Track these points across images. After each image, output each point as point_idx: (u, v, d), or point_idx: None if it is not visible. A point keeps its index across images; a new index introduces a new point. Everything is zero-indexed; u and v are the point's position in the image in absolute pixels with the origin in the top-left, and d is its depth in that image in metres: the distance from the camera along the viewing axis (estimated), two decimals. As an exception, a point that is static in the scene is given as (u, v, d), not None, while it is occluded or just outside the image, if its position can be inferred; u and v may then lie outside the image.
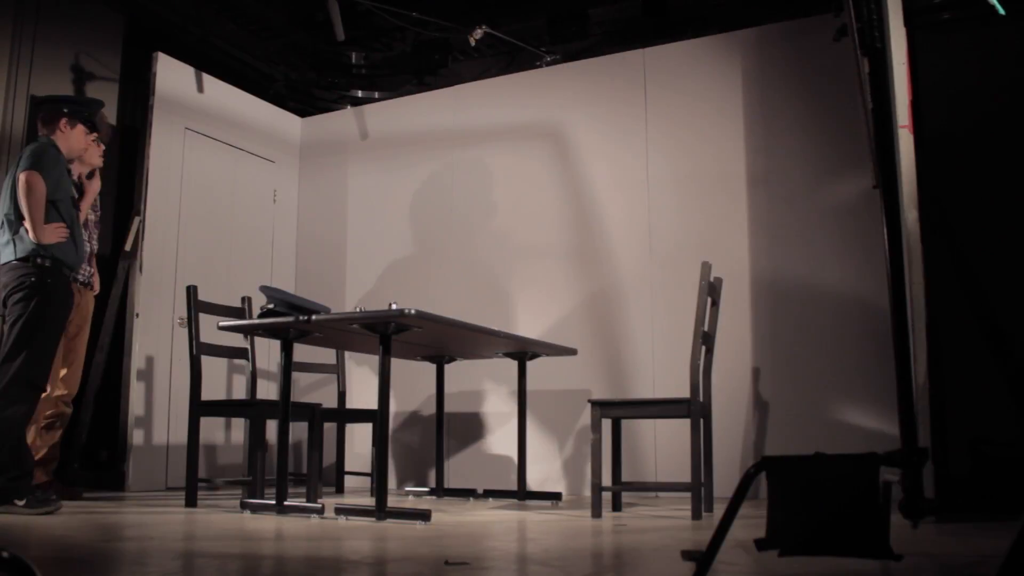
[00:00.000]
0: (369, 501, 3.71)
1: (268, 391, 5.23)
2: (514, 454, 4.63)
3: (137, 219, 4.91)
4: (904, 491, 1.72)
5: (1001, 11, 3.07)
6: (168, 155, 5.08)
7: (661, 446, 4.56)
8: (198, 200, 5.27)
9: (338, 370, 4.93)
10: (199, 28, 5.74)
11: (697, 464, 3.36)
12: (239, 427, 5.17)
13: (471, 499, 4.36)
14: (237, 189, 5.60)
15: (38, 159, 3.61)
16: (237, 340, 4.28)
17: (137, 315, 4.77)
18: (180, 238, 5.12)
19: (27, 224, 3.48)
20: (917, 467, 1.68)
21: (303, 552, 2.42)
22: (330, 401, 4.88)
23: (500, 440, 4.96)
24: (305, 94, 6.67)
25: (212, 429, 5.16)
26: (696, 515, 3.27)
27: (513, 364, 4.48)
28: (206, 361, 4.00)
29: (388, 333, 3.19)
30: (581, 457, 4.75)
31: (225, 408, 4.43)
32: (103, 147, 4.20)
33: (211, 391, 4.14)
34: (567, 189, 5.11)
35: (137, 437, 4.67)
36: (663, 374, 4.61)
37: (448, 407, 5.02)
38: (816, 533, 1.51)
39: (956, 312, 3.43)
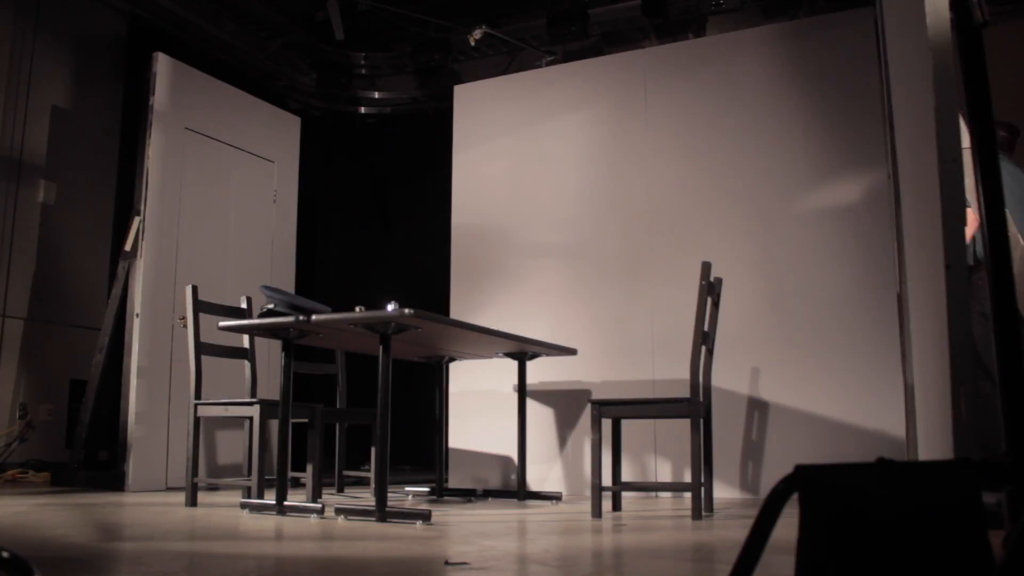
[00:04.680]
0: (369, 501, 3.71)
1: (269, 391, 5.23)
2: (514, 454, 4.63)
3: (137, 219, 4.91)
4: (1010, 519, 1.13)
5: None
6: (168, 155, 5.08)
7: (661, 446, 4.56)
8: (198, 200, 5.27)
9: (338, 370, 4.93)
10: (199, 28, 5.74)
11: (697, 464, 3.36)
12: (239, 427, 5.17)
13: (471, 499, 4.36)
14: (237, 189, 5.60)
15: None
16: (237, 340, 4.28)
17: (137, 315, 4.77)
18: (180, 238, 5.12)
19: None
20: None
21: (303, 552, 2.42)
22: (330, 401, 4.87)
23: (500, 440, 4.95)
24: (305, 94, 6.68)
25: (212, 429, 5.16)
26: (696, 515, 3.26)
27: (513, 364, 4.48)
28: (206, 361, 4.00)
29: (388, 333, 3.19)
30: (581, 457, 4.75)
31: (225, 408, 4.43)
32: None
33: (211, 391, 4.14)
34: (567, 189, 5.11)
35: (137, 437, 4.67)
36: (663, 374, 4.61)
37: (448, 407, 5.03)
38: None
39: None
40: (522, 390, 4.44)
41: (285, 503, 3.41)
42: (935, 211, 2.15)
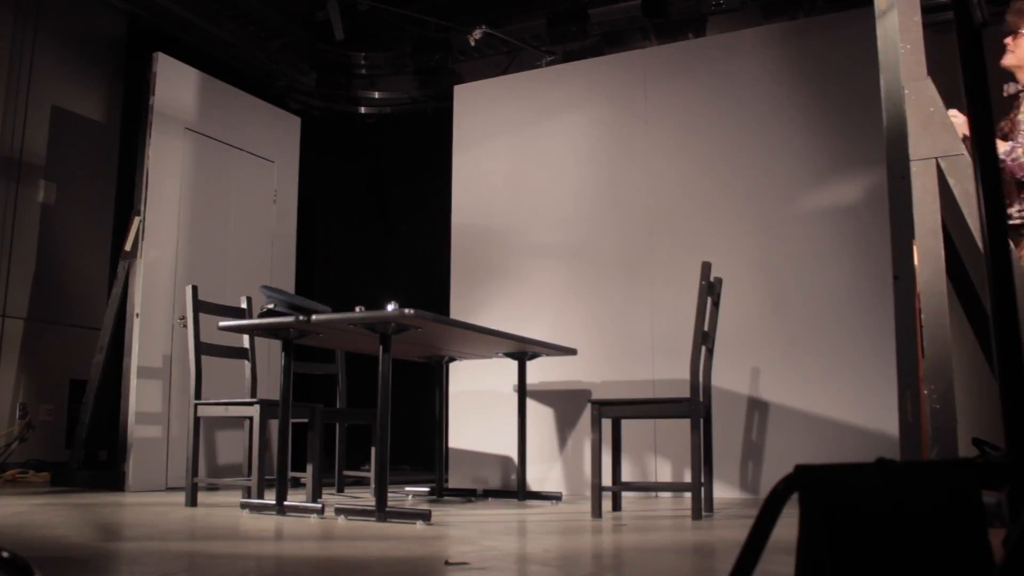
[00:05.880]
0: (369, 501, 3.72)
1: (269, 391, 5.23)
2: (514, 454, 4.63)
3: (137, 219, 4.91)
4: (1010, 518, 1.09)
5: None
6: (168, 155, 5.08)
7: (661, 446, 4.56)
8: (198, 200, 5.27)
9: (338, 370, 4.93)
10: (199, 28, 5.74)
11: (697, 464, 3.36)
12: (239, 427, 5.17)
13: (471, 499, 4.36)
14: (237, 189, 5.60)
15: None
16: (237, 340, 4.28)
17: (137, 315, 4.77)
18: (180, 238, 5.12)
19: None
20: None
21: (303, 552, 2.42)
22: (330, 401, 4.87)
23: (500, 440, 4.95)
24: (305, 94, 6.68)
25: (212, 429, 5.16)
26: (696, 515, 3.26)
27: (513, 364, 4.48)
28: (206, 361, 4.00)
29: (388, 333, 3.19)
30: (581, 457, 4.75)
31: (225, 408, 4.43)
32: None
33: (211, 391, 4.14)
34: (567, 189, 5.11)
35: (137, 437, 4.67)
36: (663, 374, 4.61)
37: (448, 407, 5.03)
38: None
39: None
40: (522, 390, 4.44)
41: (285, 503, 3.41)
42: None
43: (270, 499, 3.50)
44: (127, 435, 4.68)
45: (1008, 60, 3.20)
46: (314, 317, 3.24)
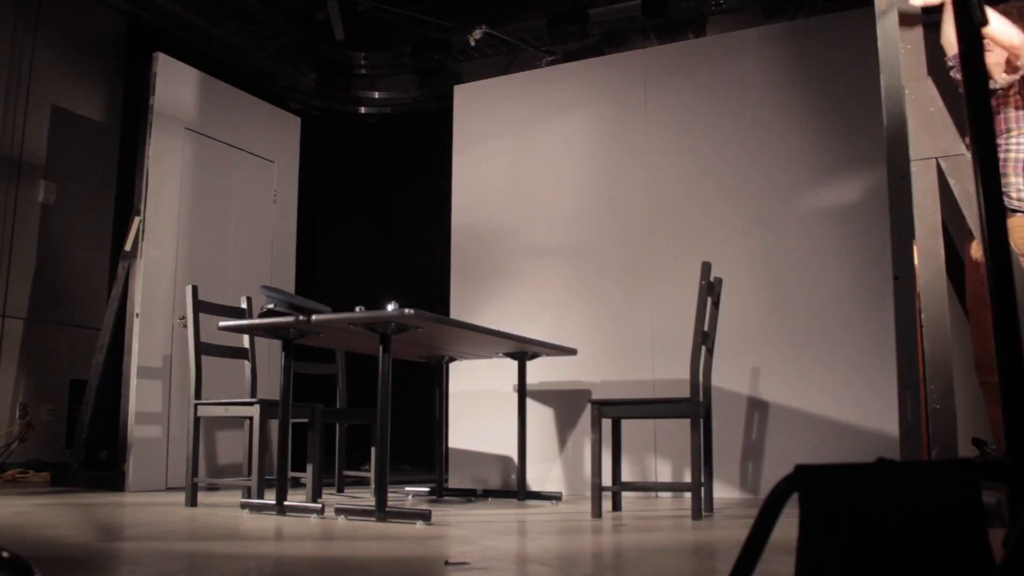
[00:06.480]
0: (369, 501, 3.72)
1: (269, 391, 5.23)
2: (514, 454, 4.63)
3: (137, 219, 4.91)
4: (1010, 518, 1.10)
5: None
6: (168, 155, 5.08)
7: (661, 446, 4.56)
8: (198, 200, 5.27)
9: (338, 370, 4.93)
10: (199, 28, 5.74)
11: (697, 464, 3.36)
12: (239, 427, 5.17)
13: (471, 499, 4.36)
14: (237, 189, 5.60)
15: None
16: (237, 340, 4.28)
17: (137, 315, 4.77)
18: (180, 238, 5.12)
19: None
20: None
21: (303, 552, 2.42)
22: (330, 401, 4.87)
23: (500, 440, 4.95)
24: (305, 94, 6.68)
25: (212, 429, 5.16)
26: (696, 515, 3.27)
27: (513, 364, 4.48)
28: (206, 361, 4.00)
29: (388, 333, 3.19)
30: (581, 457, 4.75)
31: (225, 408, 4.43)
32: None
33: (211, 391, 4.14)
34: (567, 189, 5.11)
35: (137, 437, 4.67)
36: (663, 374, 4.61)
37: (448, 407, 5.03)
38: None
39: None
40: (522, 390, 4.44)
41: (285, 503, 3.41)
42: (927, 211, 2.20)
43: (270, 499, 3.50)
44: (127, 435, 4.68)
45: (987, 59, 3.19)
46: (314, 317, 3.24)
